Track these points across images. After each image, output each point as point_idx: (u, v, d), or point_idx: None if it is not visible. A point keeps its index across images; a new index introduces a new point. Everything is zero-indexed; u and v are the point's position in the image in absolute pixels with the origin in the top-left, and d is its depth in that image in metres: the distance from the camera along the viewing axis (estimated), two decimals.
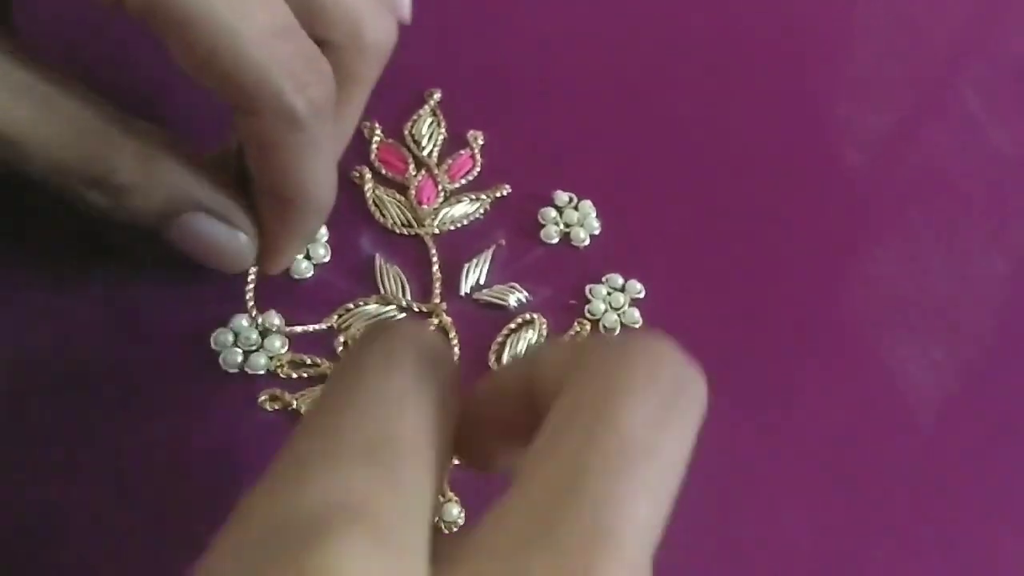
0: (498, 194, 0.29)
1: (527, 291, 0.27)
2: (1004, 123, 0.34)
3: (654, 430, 0.16)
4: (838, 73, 0.35)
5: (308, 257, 0.27)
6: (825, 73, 0.35)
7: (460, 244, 0.28)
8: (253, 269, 0.26)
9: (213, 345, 0.25)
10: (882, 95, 0.34)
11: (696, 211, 0.30)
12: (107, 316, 0.25)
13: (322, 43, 0.22)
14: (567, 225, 0.29)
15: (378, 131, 0.30)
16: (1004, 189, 0.32)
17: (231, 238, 0.24)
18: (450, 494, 0.24)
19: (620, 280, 0.28)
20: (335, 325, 0.26)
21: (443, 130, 0.30)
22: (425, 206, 0.28)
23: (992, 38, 0.37)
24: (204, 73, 0.20)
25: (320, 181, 0.23)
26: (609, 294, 0.28)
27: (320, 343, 0.26)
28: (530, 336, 0.27)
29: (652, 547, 0.16)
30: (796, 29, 0.36)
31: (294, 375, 0.25)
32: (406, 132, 0.30)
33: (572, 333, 0.27)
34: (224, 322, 0.25)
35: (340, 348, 0.26)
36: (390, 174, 0.29)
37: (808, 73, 0.35)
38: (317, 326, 0.26)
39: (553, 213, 0.29)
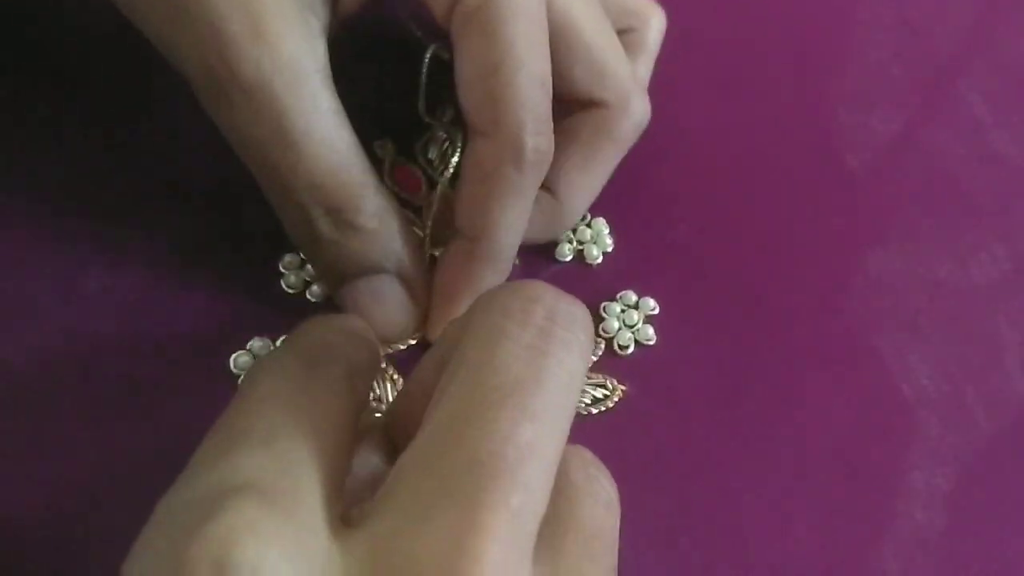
0: None
1: None
2: (1007, 126, 0.34)
3: (530, 361, 0.18)
4: (842, 78, 0.35)
5: None
6: (829, 78, 0.35)
7: None
8: None
9: (233, 368, 0.25)
10: (886, 99, 0.35)
11: (706, 223, 0.30)
12: (126, 336, 0.26)
13: (595, 104, 0.27)
14: (580, 243, 0.29)
15: (391, 152, 0.30)
16: (1008, 191, 0.33)
17: (405, 310, 0.26)
18: None
19: (634, 297, 0.28)
20: None
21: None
22: None
23: (995, 41, 0.37)
24: (477, 84, 0.23)
25: (511, 229, 0.25)
26: (623, 311, 0.28)
27: None
28: None
29: (546, 466, 0.17)
30: (799, 35, 0.36)
31: None
32: (417, 150, 0.30)
33: None
34: (243, 345, 0.26)
35: None
36: (404, 194, 0.29)
37: (812, 78, 0.35)
38: None
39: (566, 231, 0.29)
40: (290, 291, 0.27)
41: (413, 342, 0.27)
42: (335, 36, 0.25)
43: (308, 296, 0.27)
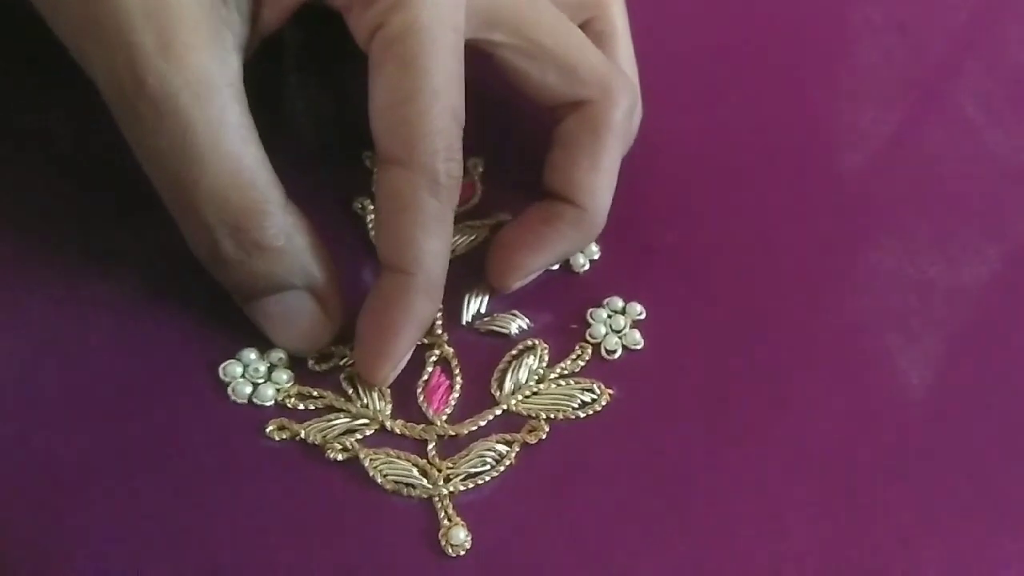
0: (496, 221, 0.30)
1: (528, 318, 0.28)
2: (1001, 126, 0.34)
3: None
4: (835, 78, 0.36)
5: None
6: (822, 78, 0.35)
7: (460, 272, 0.28)
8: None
9: (222, 376, 0.26)
10: (877, 100, 0.35)
11: (695, 227, 0.31)
12: (115, 343, 0.26)
13: (580, 103, 0.27)
14: None
15: None
16: (1001, 192, 0.33)
17: (318, 323, 0.26)
18: (456, 518, 0.24)
19: (620, 303, 0.28)
20: (341, 362, 0.27)
21: None
22: None
23: (989, 43, 0.37)
24: (391, 111, 0.24)
25: (438, 256, 0.25)
26: (610, 317, 0.28)
27: (326, 376, 0.26)
28: (531, 362, 0.27)
29: None
30: (792, 36, 0.36)
31: (301, 406, 0.26)
32: None
33: (575, 356, 0.28)
34: (232, 354, 0.26)
35: (344, 381, 0.26)
36: None
37: (805, 79, 0.35)
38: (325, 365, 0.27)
39: None
40: None
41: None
42: (280, 60, 0.25)
43: None
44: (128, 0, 0.22)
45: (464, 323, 0.28)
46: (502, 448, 0.26)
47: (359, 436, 0.25)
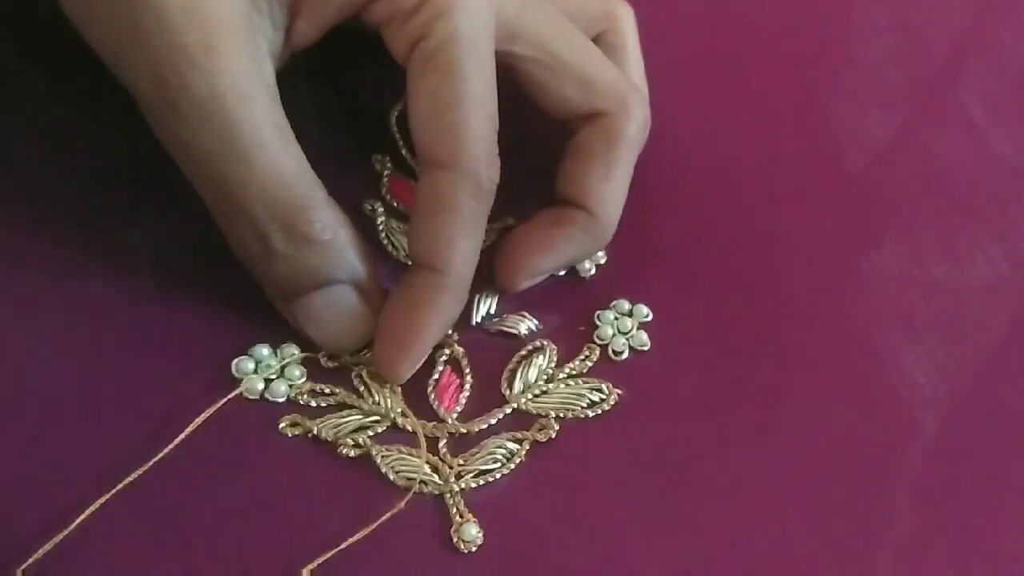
0: (503, 226, 0.30)
1: (536, 319, 0.28)
2: (1005, 128, 0.35)
3: None
4: (838, 79, 0.36)
5: None
6: (825, 80, 0.36)
7: None
8: None
9: (235, 372, 0.26)
10: (881, 101, 0.35)
11: (699, 230, 0.31)
12: (127, 340, 0.26)
13: (596, 114, 0.28)
14: None
15: (388, 165, 0.31)
16: (1003, 192, 0.33)
17: (363, 318, 0.26)
18: (468, 514, 0.25)
19: (627, 305, 0.29)
20: (351, 359, 0.27)
21: None
22: None
23: (991, 43, 0.38)
24: (435, 119, 0.25)
25: (471, 258, 0.26)
26: (617, 319, 0.28)
27: (338, 373, 0.27)
28: (541, 362, 0.27)
29: None
30: (796, 36, 0.37)
31: (313, 403, 0.26)
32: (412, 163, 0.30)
33: (583, 357, 0.28)
34: (245, 351, 0.26)
35: (356, 379, 0.26)
36: (402, 207, 0.30)
37: (809, 80, 0.35)
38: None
39: None
40: None
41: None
42: (288, 63, 0.26)
43: None
44: (170, 3, 0.22)
45: (474, 324, 0.28)
46: (512, 446, 0.26)
47: (371, 433, 0.26)
